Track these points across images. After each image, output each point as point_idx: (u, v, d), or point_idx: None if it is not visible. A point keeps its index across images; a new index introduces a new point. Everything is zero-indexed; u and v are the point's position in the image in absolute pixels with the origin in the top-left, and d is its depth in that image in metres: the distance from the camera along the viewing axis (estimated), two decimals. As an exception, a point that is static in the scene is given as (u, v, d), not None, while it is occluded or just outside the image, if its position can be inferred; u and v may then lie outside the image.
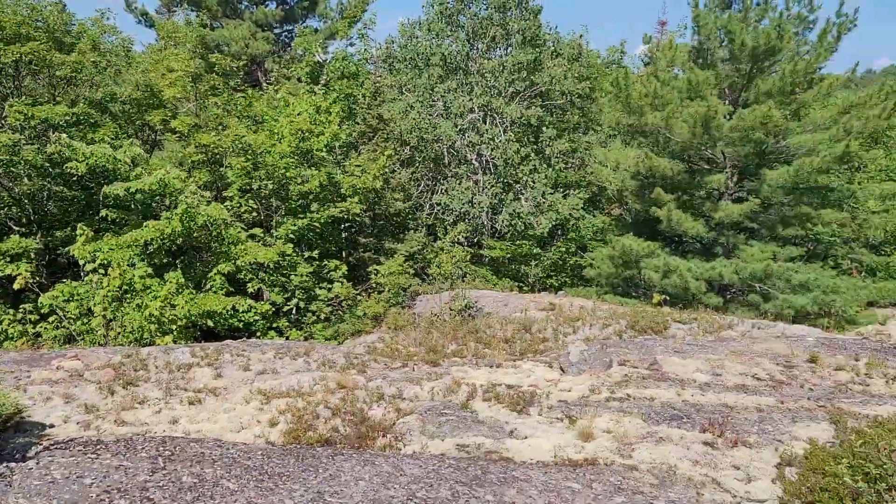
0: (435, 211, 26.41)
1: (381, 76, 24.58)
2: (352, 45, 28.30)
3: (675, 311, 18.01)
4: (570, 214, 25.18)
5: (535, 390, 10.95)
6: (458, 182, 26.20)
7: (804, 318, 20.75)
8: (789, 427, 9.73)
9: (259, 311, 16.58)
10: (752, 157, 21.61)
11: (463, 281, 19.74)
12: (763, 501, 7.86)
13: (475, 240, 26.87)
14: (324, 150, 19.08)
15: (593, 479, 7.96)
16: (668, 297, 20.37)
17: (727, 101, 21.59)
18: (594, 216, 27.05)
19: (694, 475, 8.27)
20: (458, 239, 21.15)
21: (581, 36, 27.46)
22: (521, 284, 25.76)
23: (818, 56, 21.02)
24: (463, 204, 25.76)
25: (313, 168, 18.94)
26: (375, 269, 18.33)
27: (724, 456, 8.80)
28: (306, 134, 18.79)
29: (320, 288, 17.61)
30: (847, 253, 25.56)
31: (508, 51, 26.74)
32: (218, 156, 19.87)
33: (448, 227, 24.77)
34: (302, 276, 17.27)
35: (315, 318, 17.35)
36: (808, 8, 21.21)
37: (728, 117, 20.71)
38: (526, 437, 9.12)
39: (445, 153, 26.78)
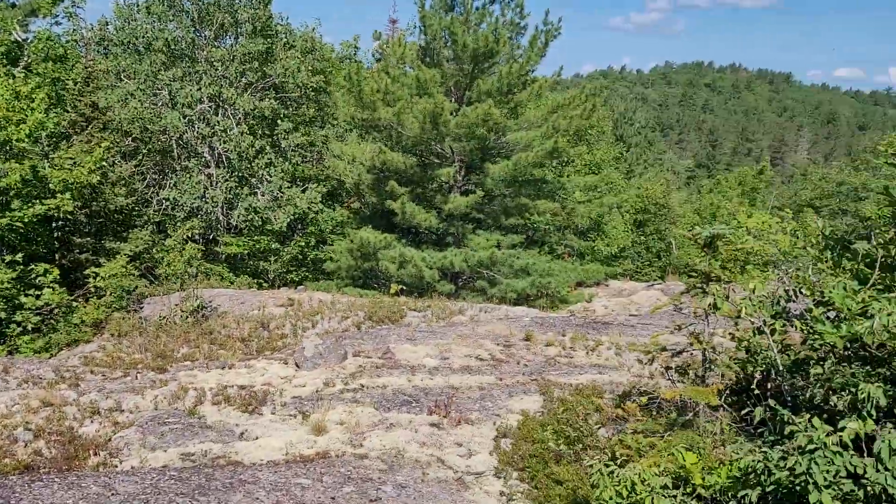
0: (164, 207, 24.80)
1: (94, 60, 22.42)
2: (58, 23, 25.47)
3: (412, 300, 18.71)
4: (308, 208, 25.07)
5: (269, 389, 10.75)
6: (188, 176, 24.84)
7: (525, 299, 22.74)
8: (507, 402, 10.57)
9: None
10: (477, 152, 23.12)
11: (196, 280, 18.75)
12: (481, 473, 8.44)
13: (210, 236, 25.70)
14: (25, 140, 16.99)
15: (324, 473, 8.00)
16: (404, 287, 21.12)
17: (453, 99, 22.86)
18: (334, 210, 27.20)
19: (421, 456, 8.65)
20: (189, 236, 20.03)
21: (314, 29, 27.43)
22: (260, 281, 25.15)
23: (529, 60, 23.01)
24: (194, 199, 24.49)
25: (13, 160, 16.79)
26: (94, 272, 16.74)
27: (449, 435, 9.31)
28: (2, 122, 16.60)
29: (26, 295, 15.70)
30: (560, 239, 28.47)
31: (239, 40, 25.85)
32: None
33: (179, 223, 23.40)
34: (1, 283, 15.26)
35: (21, 329, 15.44)
36: (519, 15, 23.14)
37: (454, 114, 21.94)
38: (257, 438, 8.91)
39: (174, 145, 25.24)
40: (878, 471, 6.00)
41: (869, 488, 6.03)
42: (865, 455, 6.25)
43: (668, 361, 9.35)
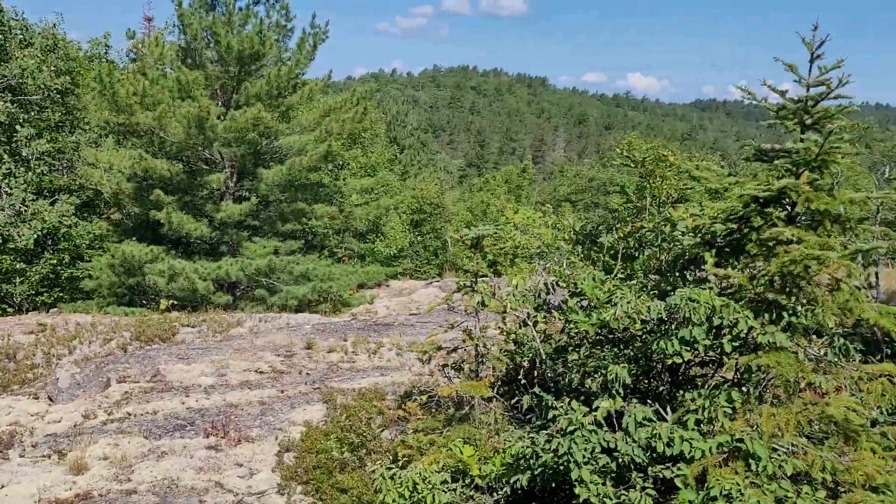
0: None
1: None
2: None
3: (185, 315, 17.70)
4: (60, 222, 22.70)
5: (16, 428, 9.60)
6: None
7: (307, 305, 22.41)
8: (289, 414, 10.34)
9: None
10: (249, 156, 22.35)
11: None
12: (263, 492, 8.18)
13: (-62, 259, 22.38)
14: None
15: (86, 516, 7.29)
16: (176, 302, 19.90)
17: (220, 103, 21.91)
18: (90, 222, 24.88)
19: (197, 483, 8.19)
20: None
21: (55, 25, 24.83)
22: (4, 306, 22.39)
23: (298, 63, 22.67)
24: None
25: None
26: None
27: (228, 456, 8.91)
28: None
29: None
30: (339, 243, 28.44)
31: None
32: None
33: None
34: None
35: None
36: (285, 17, 22.71)
37: (222, 118, 21.03)
38: (2, 487, 7.91)
39: None
40: (626, 443, 6.63)
41: (620, 459, 6.66)
42: (617, 430, 6.90)
43: (445, 359, 9.68)
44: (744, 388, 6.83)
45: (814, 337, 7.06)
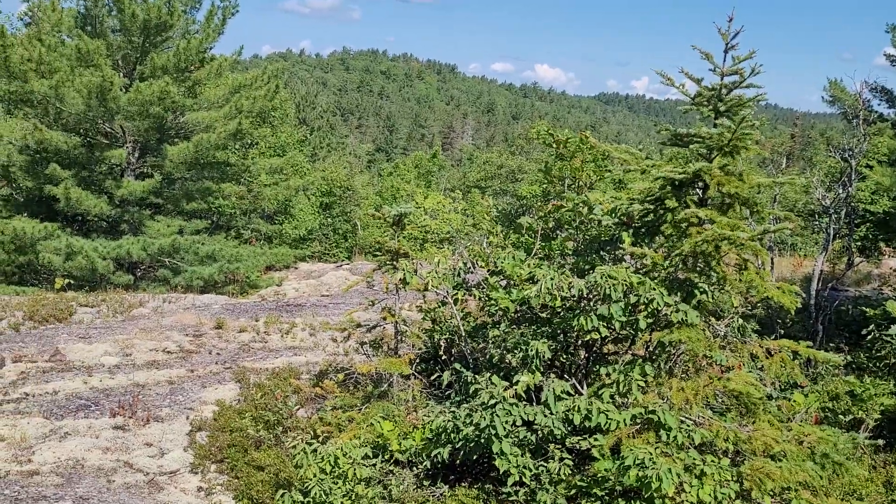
0: None
1: None
2: None
3: (82, 295, 16.88)
4: (-59, 195, 21.16)
5: None
6: None
7: (213, 287, 21.77)
8: (200, 393, 10.08)
9: None
10: (153, 132, 21.42)
11: None
12: (176, 471, 7.96)
13: None
14: None
15: (-17, 499, 6.89)
16: (72, 282, 18.95)
17: (122, 74, 20.90)
18: (-24, 197, 23.27)
19: (105, 463, 7.89)
20: None
21: (-61, -18, 23.03)
22: None
23: (207, 36, 21.89)
24: None
25: None
26: None
27: (136, 436, 8.62)
28: None
29: None
30: (246, 223, 27.68)
31: None
32: None
33: None
34: None
35: None
36: (194, -12, 21.87)
37: (125, 90, 20.07)
38: None
39: None
40: (545, 416, 6.84)
41: (539, 432, 6.86)
42: (535, 404, 7.09)
43: (363, 337, 9.66)
44: (655, 364, 7.16)
45: (711, 317, 7.46)
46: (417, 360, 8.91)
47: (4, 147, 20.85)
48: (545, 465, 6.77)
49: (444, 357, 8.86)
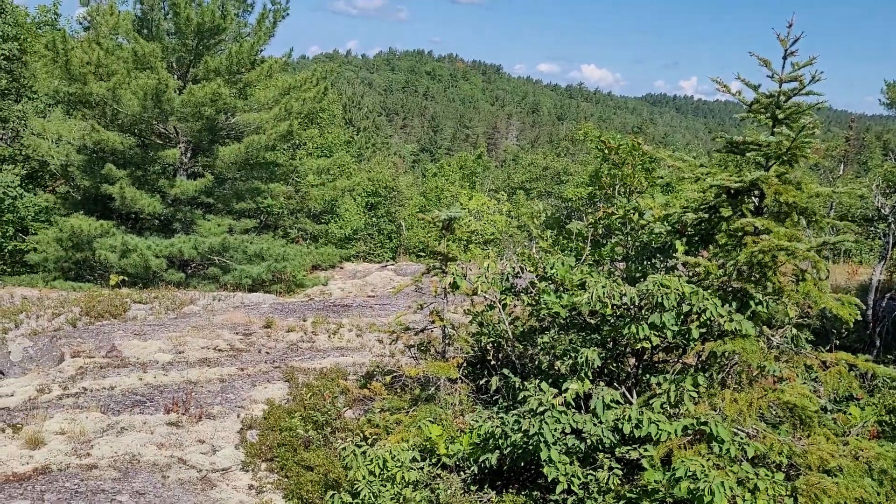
0: None
1: None
2: None
3: (136, 292, 17.31)
4: (4, 193, 21.89)
5: (-33, 402, 9.30)
6: None
7: (261, 285, 22.13)
8: (250, 392, 10.26)
9: None
10: (205, 133, 21.88)
11: None
12: (228, 468, 8.12)
13: None
14: None
15: (45, 490, 7.14)
16: (126, 278, 19.46)
17: (176, 76, 21.37)
18: (36, 194, 24.03)
19: (160, 459, 8.09)
20: None
21: (3, -12, 23.82)
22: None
23: (259, 39, 22.28)
24: None
25: None
26: None
27: (189, 433, 8.81)
28: None
29: None
30: (293, 223, 28.07)
31: None
32: None
33: None
34: None
35: None
36: (246, -9, 22.26)
37: (178, 92, 20.53)
38: (-45, 461, 7.67)
39: None
40: (594, 425, 6.79)
41: (588, 440, 6.82)
42: (584, 412, 7.05)
43: (410, 339, 9.72)
44: (707, 374, 7.05)
45: (765, 328, 7.32)
46: (464, 364, 8.94)
47: (63, 147, 21.52)
48: (594, 473, 6.73)
49: (491, 362, 8.87)
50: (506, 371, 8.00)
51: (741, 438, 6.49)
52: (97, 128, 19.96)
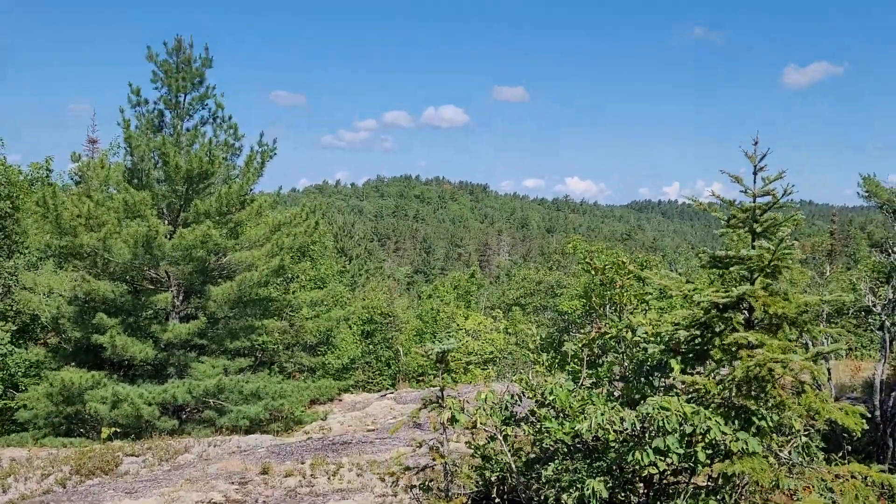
0: None
1: None
2: None
3: (128, 444, 16.83)
4: (-6, 351, 21.76)
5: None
6: None
7: (258, 425, 21.62)
8: (247, 548, 9.75)
9: None
10: (197, 274, 22.03)
11: None
12: None
13: None
14: None
15: None
16: (118, 429, 18.99)
17: (167, 221, 21.74)
18: (27, 349, 23.87)
19: None
20: None
21: (-5, 150, 24.70)
22: (-70, 443, 20.94)
23: (247, 180, 22.85)
24: None
25: None
26: None
27: None
28: None
29: None
30: (289, 357, 27.80)
31: None
32: None
33: None
34: None
35: None
36: (233, 136, 23.03)
37: (169, 237, 20.82)
38: None
39: None
40: (609, 562, 6.43)
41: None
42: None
43: (411, 479, 9.37)
44: (719, 496, 6.77)
45: (774, 436, 7.10)
46: (469, 502, 8.58)
47: (54, 300, 21.55)
48: None
49: (496, 500, 8.52)
50: (511, 507, 7.67)
51: (764, 566, 6.15)
52: (87, 278, 20.06)
